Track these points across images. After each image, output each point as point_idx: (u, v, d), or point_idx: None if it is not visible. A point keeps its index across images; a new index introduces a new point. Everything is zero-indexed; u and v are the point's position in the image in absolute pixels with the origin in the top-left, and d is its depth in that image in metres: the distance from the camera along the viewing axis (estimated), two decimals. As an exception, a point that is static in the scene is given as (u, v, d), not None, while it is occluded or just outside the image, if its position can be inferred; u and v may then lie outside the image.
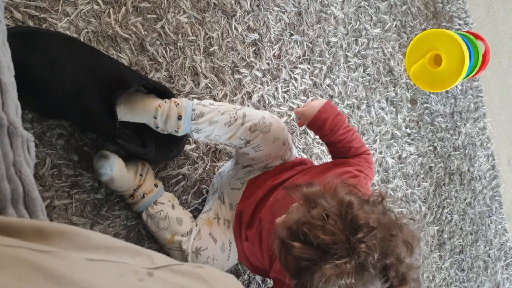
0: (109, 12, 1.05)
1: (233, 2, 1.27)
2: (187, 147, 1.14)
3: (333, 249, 0.72)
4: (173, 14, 1.15)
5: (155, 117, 0.98)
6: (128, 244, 0.41)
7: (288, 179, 1.05)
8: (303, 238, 0.74)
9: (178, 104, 0.99)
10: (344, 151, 1.07)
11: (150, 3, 1.11)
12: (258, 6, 1.33)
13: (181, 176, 1.14)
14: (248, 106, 1.27)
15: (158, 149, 1.03)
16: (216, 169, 1.20)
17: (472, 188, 2.00)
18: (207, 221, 1.08)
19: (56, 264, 0.32)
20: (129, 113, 0.97)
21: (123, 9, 1.08)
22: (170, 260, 0.42)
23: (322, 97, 1.46)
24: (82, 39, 1.01)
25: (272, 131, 1.02)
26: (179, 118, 0.98)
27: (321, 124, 1.03)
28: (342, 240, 0.72)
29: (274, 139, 1.03)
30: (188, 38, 1.17)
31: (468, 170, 1.99)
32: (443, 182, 1.86)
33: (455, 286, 1.84)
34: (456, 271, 1.86)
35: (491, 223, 2.07)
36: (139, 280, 0.36)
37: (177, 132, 1.00)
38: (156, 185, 1.04)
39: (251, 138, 1.01)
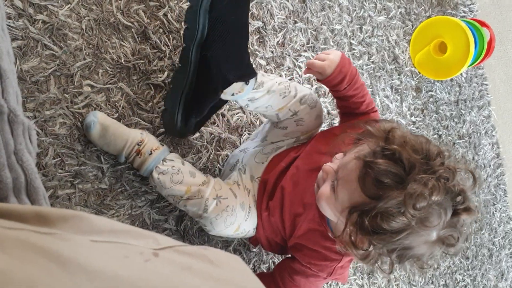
0: (110, 0, 1.04)
1: (236, -11, 1.26)
2: (190, 135, 1.13)
3: (417, 169, 0.76)
4: (176, 2, 1.14)
5: None
6: (132, 227, 0.40)
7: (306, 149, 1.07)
8: (387, 156, 0.78)
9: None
10: (356, 106, 1.07)
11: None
12: (261, -7, 1.31)
13: (185, 166, 1.13)
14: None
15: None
16: (220, 158, 1.19)
17: (477, 176, 1.98)
18: (226, 183, 1.07)
19: (60, 246, 0.31)
20: None
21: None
22: (175, 242, 0.41)
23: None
24: (84, 27, 1.00)
25: (317, 107, 1.08)
26: (246, 82, 0.99)
27: (341, 79, 1.02)
28: (423, 163, 0.77)
29: (317, 116, 1.09)
30: (191, 26, 1.16)
31: (473, 158, 1.98)
32: (447, 170, 1.85)
33: (459, 274, 1.84)
34: (461, 259, 1.85)
35: (495, 211, 2.06)
36: (145, 260, 0.35)
37: (234, 95, 1.00)
38: (162, 144, 1.03)
39: (299, 110, 1.05)
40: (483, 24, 1.82)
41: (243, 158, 1.12)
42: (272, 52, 1.33)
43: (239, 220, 1.02)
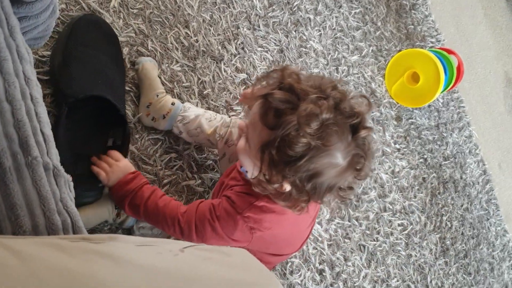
0: (110, 70, 1.16)
1: (220, 47, 1.39)
2: (192, 182, 1.23)
3: (310, 95, 0.81)
4: (167, 65, 1.27)
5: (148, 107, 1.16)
6: (159, 239, 0.51)
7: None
8: (282, 89, 0.84)
9: (173, 103, 1.16)
10: None
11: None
12: (243, 48, 1.45)
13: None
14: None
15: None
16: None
17: (467, 194, 2.08)
18: None
19: (110, 249, 0.41)
20: None
21: (129, 65, 1.19)
22: (194, 243, 0.52)
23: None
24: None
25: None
26: (172, 103, 1.17)
27: None
28: (316, 91, 0.83)
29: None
30: (183, 84, 1.28)
31: (461, 177, 2.08)
32: (438, 191, 1.95)
33: (464, 290, 1.90)
34: (463, 275, 1.92)
35: (490, 225, 2.14)
36: (174, 255, 0.45)
37: (165, 117, 1.15)
38: None
39: (225, 132, 1.15)
40: (450, 51, 1.97)
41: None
42: (258, 99, 1.45)
43: None
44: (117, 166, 1.03)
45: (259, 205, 0.95)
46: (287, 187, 0.87)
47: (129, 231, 1.11)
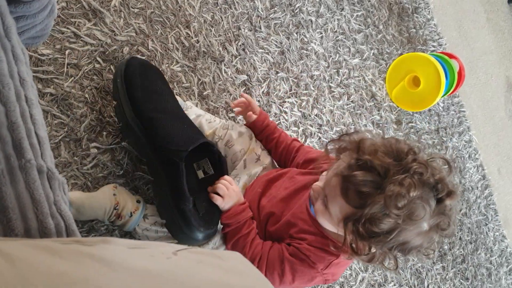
0: (109, 69, 1.16)
1: (220, 48, 1.39)
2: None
3: (392, 171, 0.81)
4: (167, 65, 1.26)
5: None
6: (152, 242, 0.51)
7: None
8: (361, 167, 0.84)
9: None
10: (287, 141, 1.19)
11: (145, 56, 1.22)
12: (243, 50, 1.45)
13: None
14: (244, 141, 1.37)
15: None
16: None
17: (466, 199, 2.08)
18: None
19: (102, 252, 0.41)
20: None
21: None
22: (188, 246, 0.52)
23: (311, 126, 1.56)
24: (87, 96, 1.11)
25: (235, 127, 1.19)
26: None
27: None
28: (396, 165, 0.83)
29: (239, 133, 1.18)
30: (183, 85, 1.28)
31: (460, 182, 2.07)
32: (437, 195, 1.94)
33: (461, 296, 1.90)
34: (461, 280, 1.91)
35: (488, 230, 2.14)
36: (167, 258, 0.45)
37: None
38: (138, 201, 1.08)
39: (223, 134, 1.17)
40: (451, 56, 1.96)
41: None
42: (258, 101, 1.44)
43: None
44: (233, 191, 1.06)
45: (337, 262, 0.98)
46: (377, 251, 0.89)
47: (126, 234, 1.10)
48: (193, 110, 1.19)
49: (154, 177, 1.09)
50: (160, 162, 1.03)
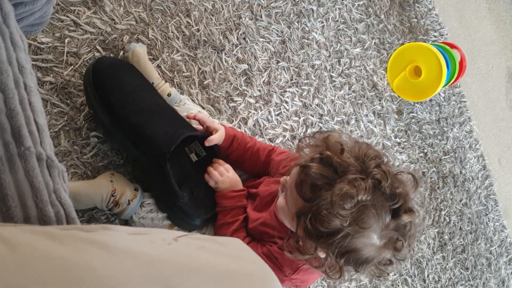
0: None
1: (221, 37, 1.38)
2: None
3: (350, 171, 0.78)
4: (167, 54, 1.25)
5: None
6: (153, 228, 0.51)
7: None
8: (320, 161, 0.82)
9: (170, 94, 1.17)
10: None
11: (145, 45, 1.21)
12: (244, 39, 1.44)
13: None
14: (245, 131, 1.36)
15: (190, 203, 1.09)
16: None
17: (466, 189, 2.08)
18: None
19: (102, 237, 0.41)
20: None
21: (121, 53, 1.18)
22: (188, 232, 0.53)
23: (312, 116, 1.56)
24: (87, 85, 1.10)
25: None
26: (168, 95, 1.16)
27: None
28: (357, 165, 0.80)
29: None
30: (183, 74, 1.27)
31: (460, 172, 2.07)
32: (437, 185, 1.94)
33: (461, 285, 1.90)
34: (461, 270, 1.92)
35: (489, 221, 2.14)
36: (168, 244, 0.45)
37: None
38: (136, 189, 1.08)
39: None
40: (452, 46, 1.95)
41: None
42: (259, 90, 1.44)
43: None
44: (227, 177, 1.10)
45: (306, 267, 0.96)
46: (322, 254, 0.85)
47: (126, 222, 1.10)
48: (185, 107, 1.17)
49: (147, 176, 1.12)
50: (148, 165, 1.05)
